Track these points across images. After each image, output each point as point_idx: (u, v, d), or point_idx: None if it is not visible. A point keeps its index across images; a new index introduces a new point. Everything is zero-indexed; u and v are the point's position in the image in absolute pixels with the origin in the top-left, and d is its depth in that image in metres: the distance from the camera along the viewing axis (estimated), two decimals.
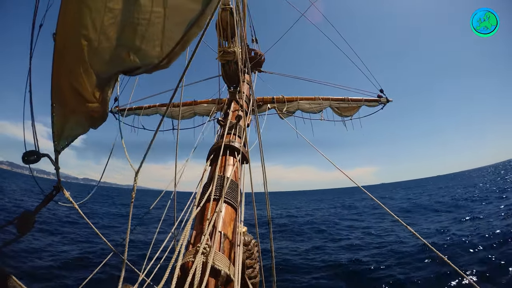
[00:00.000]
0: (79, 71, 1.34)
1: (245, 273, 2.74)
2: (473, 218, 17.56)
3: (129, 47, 1.37)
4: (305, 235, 17.60)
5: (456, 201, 28.01)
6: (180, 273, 1.59)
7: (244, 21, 4.19)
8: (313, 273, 10.10)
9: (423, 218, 20.75)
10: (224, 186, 2.39)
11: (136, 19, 1.33)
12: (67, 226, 17.09)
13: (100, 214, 23.67)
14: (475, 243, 11.77)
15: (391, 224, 18.58)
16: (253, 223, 2.93)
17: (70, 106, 1.46)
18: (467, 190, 40.29)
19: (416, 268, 9.84)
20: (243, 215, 2.49)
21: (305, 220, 24.23)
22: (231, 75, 4.18)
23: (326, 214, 30.84)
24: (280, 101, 6.57)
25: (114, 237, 15.34)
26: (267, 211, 3.06)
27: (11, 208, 20.07)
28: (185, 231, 1.79)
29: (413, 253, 11.47)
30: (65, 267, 9.71)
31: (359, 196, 65.95)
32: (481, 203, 23.50)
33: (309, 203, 55.70)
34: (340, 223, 22.08)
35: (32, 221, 1.54)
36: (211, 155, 2.98)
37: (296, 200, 77.27)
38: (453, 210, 22.31)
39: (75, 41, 1.27)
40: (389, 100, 7.04)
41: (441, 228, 15.81)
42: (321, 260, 11.59)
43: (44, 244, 12.20)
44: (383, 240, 14.22)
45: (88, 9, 1.23)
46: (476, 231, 13.71)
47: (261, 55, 7.14)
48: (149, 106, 7.51)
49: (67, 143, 1.61)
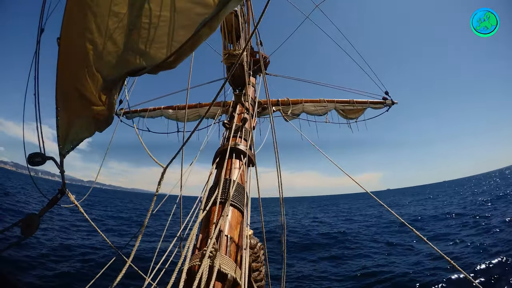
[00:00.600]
0: (84, 75, 1.34)
1: (251, 277, 2.72)
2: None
3: (135, 50, 1.37)
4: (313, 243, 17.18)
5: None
6: (187, 277, 1.58)
7: (249, 23, 4.18)
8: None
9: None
10: (230, 189, 2.37)
11: (142, 22, 1.33)
12: (71, 229, 17.14)
13: (105, 217, 23.72)
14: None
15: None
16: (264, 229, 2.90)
17: (75, 109, 1.47)
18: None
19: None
20: (249, 219, 2.47)
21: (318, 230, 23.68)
22: (236, 78, 4.18)
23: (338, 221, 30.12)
24: (285, 103, 6.56)
25: (118, 240, 15.40)
26: (281, 217, 3.02)
27: (18, 209, 20.15)
28: (192, 234, 1.77)
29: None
30: (69, 270, 9.73)
31: (364, 202, 65.48)
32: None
33: (317, 209, 54.73)
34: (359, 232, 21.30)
35: (37, 224, 1.54)
36: (217, 158, 2.97)
37: (301, 206, 76.61)
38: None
39: (80, 45, 1.27)
40: (395, 102, 7.00)
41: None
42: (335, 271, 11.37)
43: (48, 247, 12.24)
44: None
45: (92, 14, 1.23)
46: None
47: (266, 58, 7.13)
48: (154, 108, 7.53)
49: (72, 146, 1.61)
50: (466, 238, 14.20)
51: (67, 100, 1.42)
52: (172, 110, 7.35)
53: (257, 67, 6.54)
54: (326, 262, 12.51)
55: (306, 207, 62.83)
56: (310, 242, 16.65)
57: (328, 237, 17.89)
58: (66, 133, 1.52)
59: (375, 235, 18.21)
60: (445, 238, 15.33)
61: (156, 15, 1.32)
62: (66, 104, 1.43)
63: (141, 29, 1.33)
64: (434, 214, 25.60)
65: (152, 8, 1.31)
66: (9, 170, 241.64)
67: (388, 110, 7.11)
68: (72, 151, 1.62)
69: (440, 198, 47.36)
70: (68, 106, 1.44)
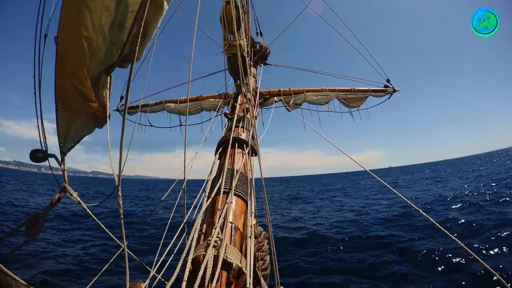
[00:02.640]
0: (81, 73, 1.35)
1: (256, 266, 2.74)
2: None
3: (117, 43, 1.37)
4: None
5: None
6: (192, 267, 1.58)
7: (248, 13, 4.15)
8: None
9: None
10: (233, 178, 2.38)
11: (122, 13, 1.32)
12: (75, 223, 17.26)
13: (106, 210, 23.73)
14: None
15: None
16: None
17: (74, 107, 1.48)
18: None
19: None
20: (253, 207, 2.48)
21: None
22: (237, 68, 4.17)
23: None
24: (286, 93, 6.52)
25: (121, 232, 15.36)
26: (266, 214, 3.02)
27: (24, 210, 20.29)
28: (196, 224, 1.78)
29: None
30: (74, 264, 9.82)
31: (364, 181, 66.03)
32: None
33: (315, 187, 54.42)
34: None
35: (41, 224, 1.55)
36: (219, 148, 2.97)
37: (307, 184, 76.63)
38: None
39: (77, 43, 1.28)
40: (396, 89, 6.97)
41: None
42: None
43: (52, 243, 12.35)
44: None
45: (88, 10, 1.23)
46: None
47: (266, 48, 7.08)
48: (155, 103, 7.53)
49: (73, 144, 1.62)
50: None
51: (66, 98, 1.42)
52: (173, 104, 7.34)
53: (257, 57, 6.50)
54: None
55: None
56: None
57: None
58: (67, 131, 1.53)
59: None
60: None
61: (133, 3, 1.31)
62: (65, 102, 1.44)
63: (121, 20, 1.33)
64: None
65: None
66: (11, 169, 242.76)
67: (390, 98, 7.09)
68: (72, 148, 1.63)
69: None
70: (68, 104, 1.45)
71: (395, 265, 8.85)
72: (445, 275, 7.90)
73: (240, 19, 3.76)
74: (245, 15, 4.19)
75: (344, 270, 8.87)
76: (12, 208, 20.13)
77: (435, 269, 8.28)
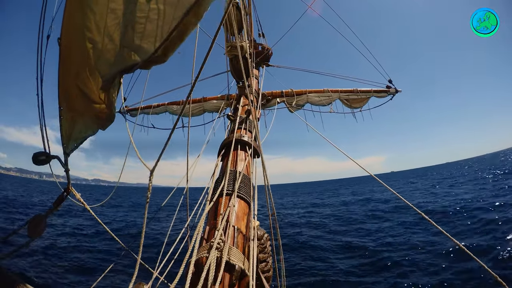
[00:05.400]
0: (85, 74, 1.35)
1: (258, 268, 2.73)
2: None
3: (130, 46, 1.37)
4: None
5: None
6: (195, 269, 1.58)
7: (250, 15, 4.16)
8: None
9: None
10: (236, 180, 2.37)
11: (136, 17, 1.32)
12: (79, 226, 17.32)
13: (111, 213, 23.85)
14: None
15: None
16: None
17: (77, 108, 1.48)
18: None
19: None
20: (256, 210, 2.47)
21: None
22: (240, 70, 4.16)
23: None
24: (289, 94, 6.52)
25: (126, 236, 15.54)
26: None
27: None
28: (199, 226, 1.78)
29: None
30: (79, 266, 9.86)
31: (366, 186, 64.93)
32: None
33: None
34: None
35: (44, 225, 1.55)
36: (222, 150, 2.97)
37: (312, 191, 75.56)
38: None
39: (80, 44, 1.28)
40: (398, 90, 6.97)
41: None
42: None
43: (57, 244, 12.39)
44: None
45: (91, 12, 1.23)
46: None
47: (269, 49, 7.09)
48: (158, 104, 7.55)
49: (76, 145, 1.62)
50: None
51: (69, 99, 1.43)
52: (176, 105, 7.36)
53: (260, 59, 6.51)
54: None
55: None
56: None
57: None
58: (70, 132, 1.53)
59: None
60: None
61: (148, 9, 1.32)
62: (69, 103, 1.44)
63: (136, 24, 1.33)
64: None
65: (145, 2, 1.31)
66: (13, 176, 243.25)
67: (392, 99, 7.07)
68: (75, 149, 1.63)
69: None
70: (71, 105, 1.45)
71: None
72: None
73: (242, 20, 3.76)
74: (247, 16, 4.20)
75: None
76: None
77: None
